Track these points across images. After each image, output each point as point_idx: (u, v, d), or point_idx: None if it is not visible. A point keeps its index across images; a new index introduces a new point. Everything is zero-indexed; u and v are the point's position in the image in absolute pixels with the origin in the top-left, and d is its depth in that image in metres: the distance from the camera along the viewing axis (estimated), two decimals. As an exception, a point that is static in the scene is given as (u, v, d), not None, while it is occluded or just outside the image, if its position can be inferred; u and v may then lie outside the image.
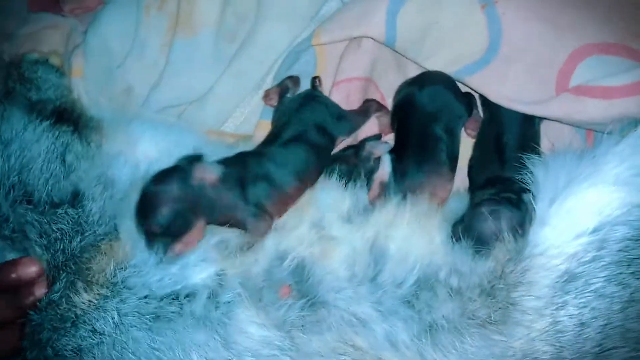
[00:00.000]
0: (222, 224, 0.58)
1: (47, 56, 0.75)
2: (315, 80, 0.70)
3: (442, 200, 0.66)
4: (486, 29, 0.69)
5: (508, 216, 0.61)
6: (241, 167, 0.59)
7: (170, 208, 0.54)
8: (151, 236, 0.55)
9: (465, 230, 0.61)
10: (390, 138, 0.73)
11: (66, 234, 0.57)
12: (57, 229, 0.57)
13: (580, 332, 0.54)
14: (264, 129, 0.72)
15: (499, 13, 0.69)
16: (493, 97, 0.68)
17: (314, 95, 0.69)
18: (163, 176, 0.56)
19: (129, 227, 0.56)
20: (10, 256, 0.57)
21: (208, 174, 0.56)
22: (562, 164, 0.61)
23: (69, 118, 0.64)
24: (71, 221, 0.57)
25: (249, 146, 0.69)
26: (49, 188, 0.58)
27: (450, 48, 0.70)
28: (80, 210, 0.58)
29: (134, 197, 0.56)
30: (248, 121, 0.75)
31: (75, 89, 0.71)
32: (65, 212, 0.57)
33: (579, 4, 0.69)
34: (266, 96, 0.72)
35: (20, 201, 0.57)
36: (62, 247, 0.56)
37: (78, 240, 0.56)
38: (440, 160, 0.68)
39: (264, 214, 0.58)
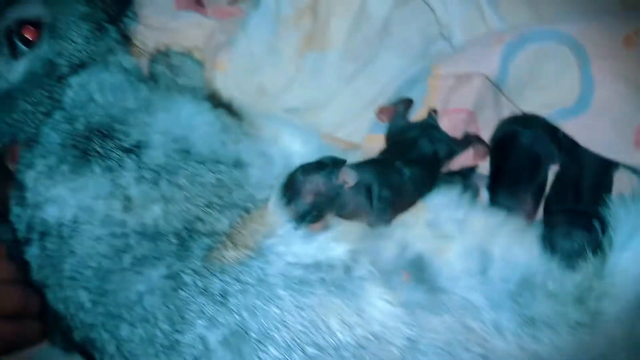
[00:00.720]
0: (346, 219, 0.67)
1: (190, 50, 0.84)
2: (432, 112, 0.80)
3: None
4: (579, 84, 0.80)
5: (583, 236, 0.71)
6: (372, 174, 0.68)
7: (311, 199, 0.63)
8: (289, 215, 0.63)
9: (550, 247, 0.71)
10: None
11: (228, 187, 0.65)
12: (217, 179, 0.65)
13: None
14: (372, 142, 0.82)
15: (593, 72, 0.80)
16: (583, 143, 0.79)
17: (433, 125, 0.78)
18: (312, 169, 0.64)
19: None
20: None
21: (349, 178, 0.64)
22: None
23: (221, 103, 0.73)
24: (233, 179, 0.65)
25: (357, 154, 0.78)
26: (215, 152, 0.66)
27: (546, 94, 0.81)
28: (241, 173, 0.66)
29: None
30: (358, 133, 0.84)
31: (217, 82, 0.81)
32: (228, 173, 0.66)
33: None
34: (380, 112, 0.82)
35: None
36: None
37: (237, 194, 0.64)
38: (532, 192, 0.78)
39: (387, 216, 0.67)
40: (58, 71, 0.73)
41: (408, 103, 0.82)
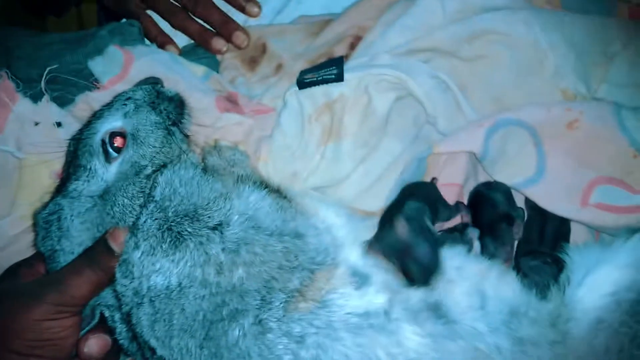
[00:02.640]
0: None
1: (236, 144, 1.06)
2: (434, 179, 1.05)
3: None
4: (535, 159, 1.05)
5: (551, 271, 0.95)
6: None
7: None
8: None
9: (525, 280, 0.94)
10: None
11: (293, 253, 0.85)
12: (284, 247, 0.85)
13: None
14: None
15: (545, 150, 1.05)
16: (543, 205, 1.03)
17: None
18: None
19: (345, 259, 0.86)
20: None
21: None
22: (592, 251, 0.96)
23: (272, 189, 0.94)
24: (296, 247, 0.85)
25: (374, 221, 1.01)
26: (278, 227, 0.87)
27: (512, 167, 1.05)
28: (302, 242, 0.86)
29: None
30: (372, 203, 1.07)
31: (261, 170, 1.03)
32: (292, 242, 0.86)
33: (595, 147, 1.06)
34: None
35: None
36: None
37: (301, 258, 0.84)
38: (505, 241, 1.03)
39: None
40: (144, 170, 0.92)
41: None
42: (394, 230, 0.87)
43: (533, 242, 1.05)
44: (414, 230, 0.87)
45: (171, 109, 1.00)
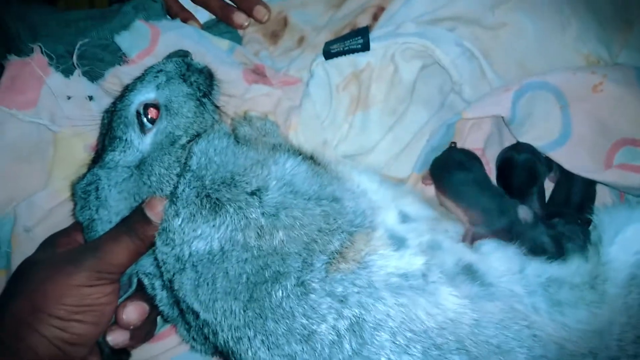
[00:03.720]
0: None
1: (266, 114, 1.07)
2: (453, 143, 1.06)
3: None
4: (561, 122, 1.06)
5: (582, 233, 0.97)
6: None
7: None
8: None
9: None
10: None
11: (332, 215, 0.86)
12: (322, 211, 0.86)
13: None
14: (413, 179, 1.07)
15: (571, 113, 1.07)
16: (567, 167, 1.04)
17: None
18: None
19: (382, 222, 0.88)
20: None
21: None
22: (619, 211, 0.98)
23: (306, 156, 0.95)
24: (334, 210, 0.87)
25: (401, 186, 1.03)
26: (316, 192, 0.88)
27: (538, 130, 1.06)
28: (339, 205, 0.88)
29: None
30: (401, 170, 1.08)
31: (292, 139, 1.04)
32: (330, 206, 0.87)
33: (619, 109, 1.07)
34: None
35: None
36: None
37: (340, 221, 0.86)
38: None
39: None
40: (179, 140, 0.94)
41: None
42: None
43: (560, 205, 1.06)
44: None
45: (201, 81, 1.01)
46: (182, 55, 1.03)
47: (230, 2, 1.28)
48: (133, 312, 0.90)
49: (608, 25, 1.14)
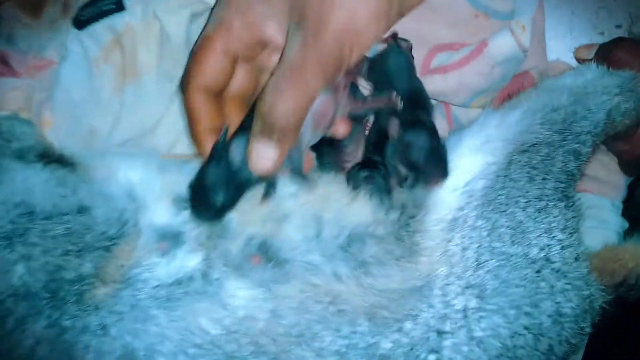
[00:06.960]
0: None
1: (16, 112, 0.89)
2: None
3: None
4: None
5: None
6: None
7: None
8: None
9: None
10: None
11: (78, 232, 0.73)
12: (65, 229, 0.72)
13: (463, 254, 0.78)
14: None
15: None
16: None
17: None
18: None
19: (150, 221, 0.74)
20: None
21: None
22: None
23: (53, 158, 0.79)
24: (81, 224, 0.73)
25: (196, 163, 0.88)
26: (57, 205, 0.74)
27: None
28: (87, 216, 0.74)
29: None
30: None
31: (48, 138, 0.87)
32: (75, 220, 0.73)
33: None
34: None
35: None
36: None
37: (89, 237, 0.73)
38: None
39: None
40: None
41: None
42: None
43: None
44: None
45: None
46: None
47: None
48: None
49: None
